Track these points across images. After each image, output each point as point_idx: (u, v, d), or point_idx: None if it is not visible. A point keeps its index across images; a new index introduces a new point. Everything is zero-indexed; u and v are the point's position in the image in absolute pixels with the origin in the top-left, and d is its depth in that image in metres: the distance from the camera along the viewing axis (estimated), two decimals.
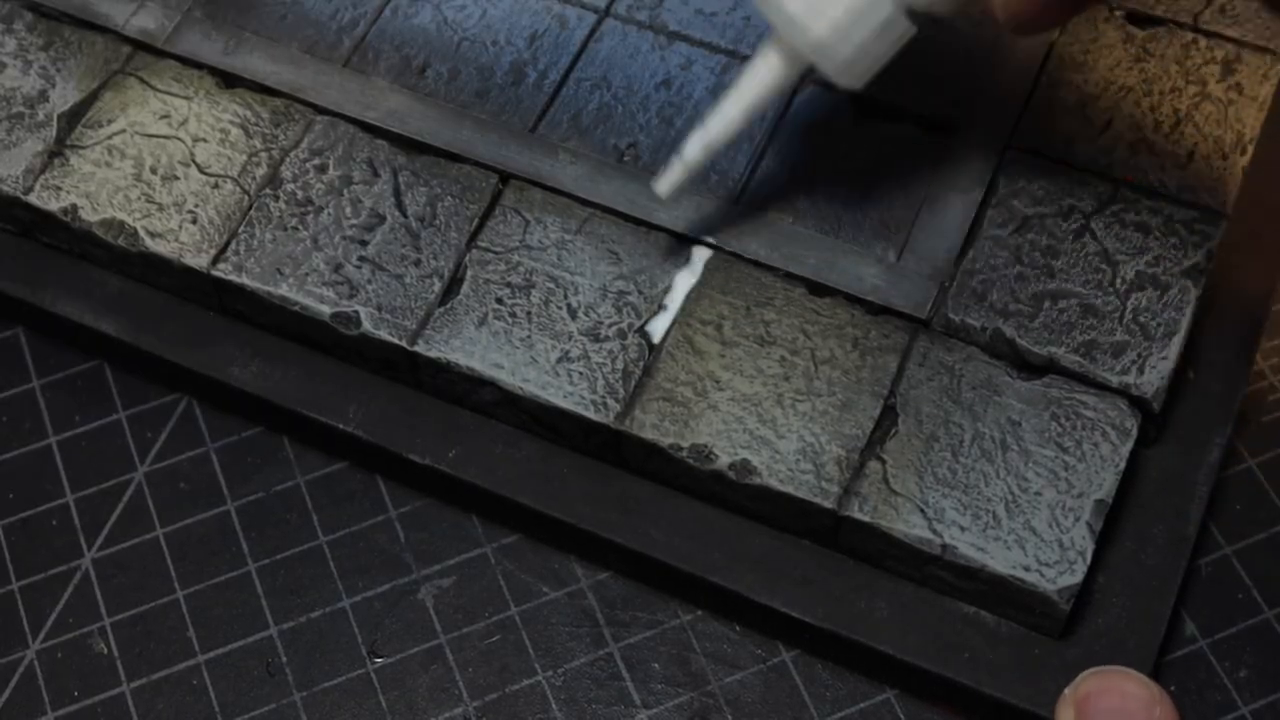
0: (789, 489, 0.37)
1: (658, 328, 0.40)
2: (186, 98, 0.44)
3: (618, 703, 0.39)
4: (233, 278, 0.41)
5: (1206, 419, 0.40)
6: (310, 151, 0.43)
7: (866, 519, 0.37)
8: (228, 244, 0.41)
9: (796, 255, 0.40)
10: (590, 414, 0.39)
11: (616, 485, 0.40)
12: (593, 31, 0.44)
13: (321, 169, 0.42)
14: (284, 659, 0.40)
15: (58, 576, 0.41)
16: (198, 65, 0.44)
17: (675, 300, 0.40)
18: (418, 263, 0.41)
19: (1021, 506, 0.37)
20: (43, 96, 0.44)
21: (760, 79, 0.38)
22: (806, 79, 0.42)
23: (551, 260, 0.41)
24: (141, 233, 0.42)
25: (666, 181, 0.39)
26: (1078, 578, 0.36)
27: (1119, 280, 0.40)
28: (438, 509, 0.42)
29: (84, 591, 0.41)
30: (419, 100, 0.43)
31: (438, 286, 0.40)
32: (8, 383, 0.44)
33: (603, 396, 0.39)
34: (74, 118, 0.44)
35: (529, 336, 0.40)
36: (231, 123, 0.43)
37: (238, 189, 0.42)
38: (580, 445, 0.40)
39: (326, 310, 0.40)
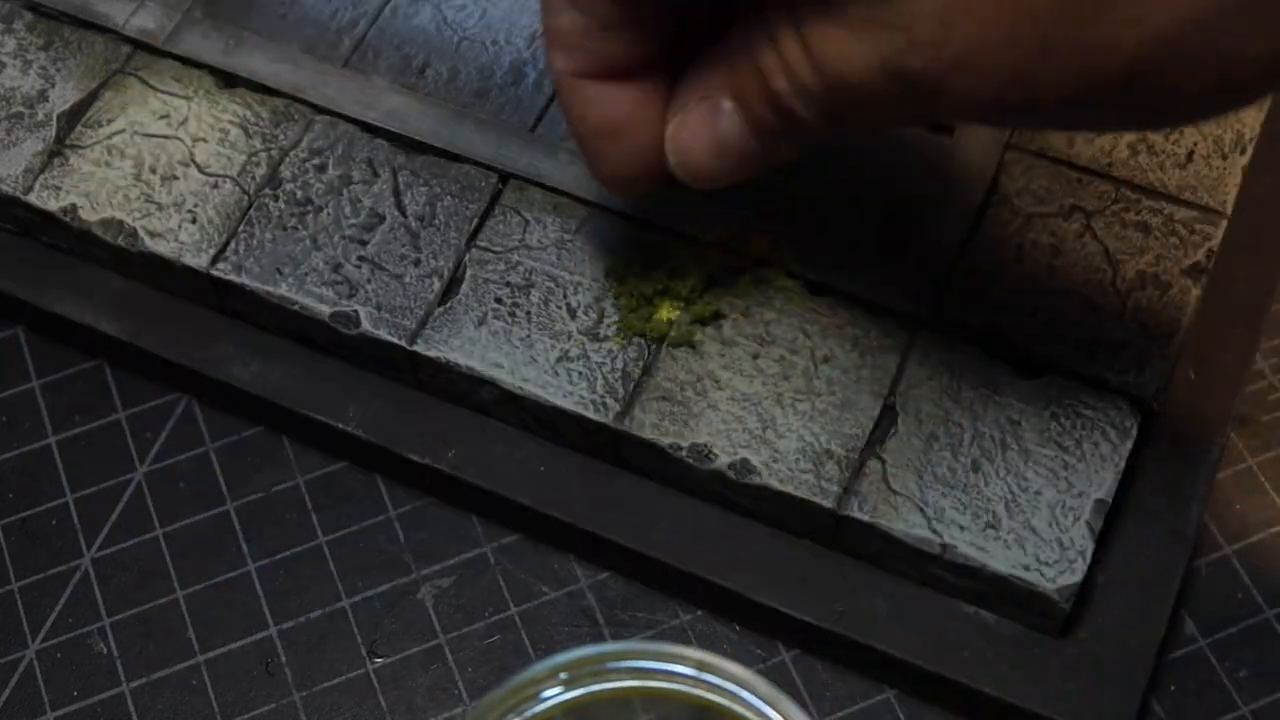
0: (788, 488, 0.37)
1: None
2: (186, 97, 0.44)
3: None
4: (232, 277, 0.41)
5: (1206, 419, 0.40)
6: (310, 151, 0.43)
7: (866, 518, 0.37)
8: (227, 244, 0.41)
9: (796, 256, 0.40)
10: (590, 413, 0.39)
11: (616, 485, 0.40)
12: None
13: (321, 169, 0.42)
14: (284, 659, 0.40)
15: (58, 576, 0.41)
16: (197, 65, 0.44)
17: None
18: (417, 262, 0.41)
19: (1021, 506, 0.37)
20: (42, 96, 0.44)
21: None
22: None
23: (551, 260, 0.41)
24: (141, 232, 0.42)
25: None
26: (1077, 577, 0.36)
27: (1119, 280, 0.40)
28: (437, 509, 0.42)
29: (84, 591, 0.41)
30: (419, 100, 0.43)
31: (437, 286, 0.40)
32: (8, 383, 0.44)
33: (602, 396, 0.39)
34: (73, 117, 0.44)
35: (528, 336, 0.40)
36: (231, 122, 0.43)
37: (237, 189, 0.42)
38: (580, 445, 0.40)
39: (326, 310, 0.40)
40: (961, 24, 0.28)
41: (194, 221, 0.42)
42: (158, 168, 0.43)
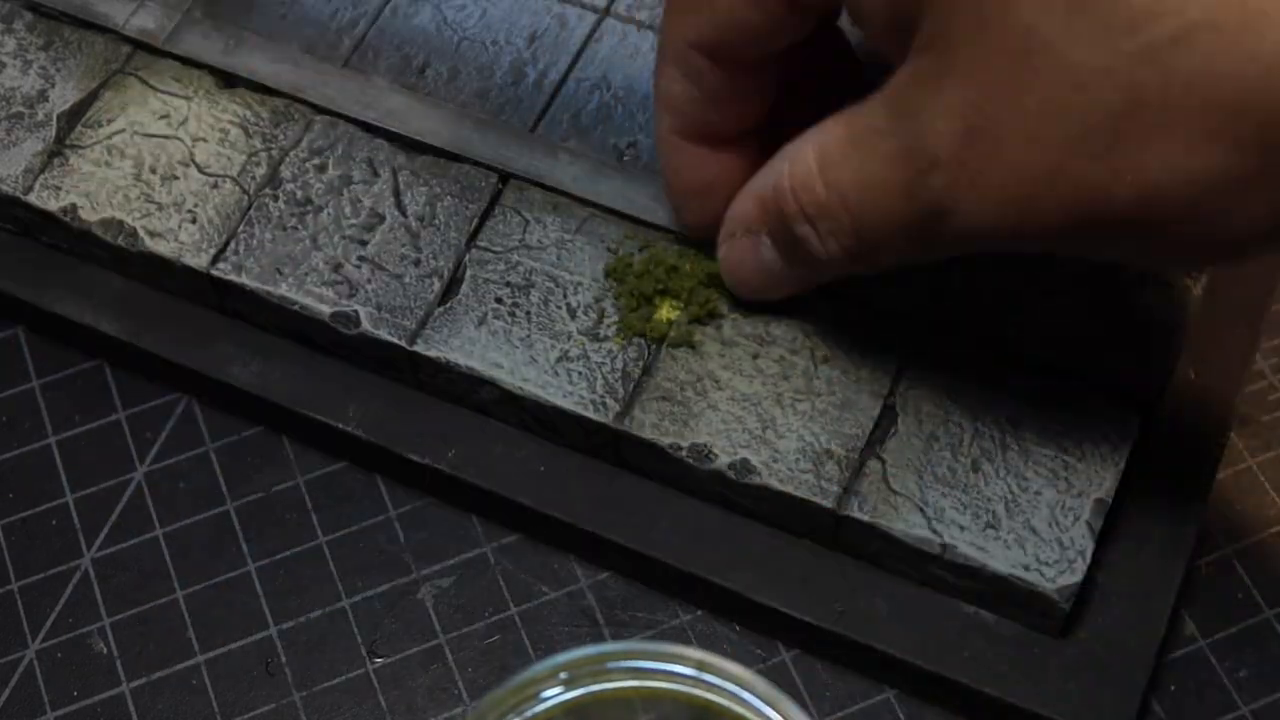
0: (788, 488, 0.37)
1: None
2: (186, 97, 0.44)
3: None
4: (232, 277, 0.41)
5: (1206, 419, 0.40)
6: (310, 151, 0.43)
7: (866, 518, 0.37)
8: (227, 244, 0.41)
9: None
10: (590, 413, 0.39)
11: (616, 485, 0.40)
12: (592, 31, 0.45)
13: (321, 169, 0.42)
14: (284, 659, 0.40)
15: (58, 576, 0.41)
16: (197, 65, 0.44)
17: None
18: (417, 262, 0.41)
19: (1021, 506, 0.37)
20: (42, 96, 0.44)
21: None
22: None
23: (551, 260, 0.41)
24: (141, 232, 0.42)
25: None
26: (1077, 577, 0.36)
27: (1119, 280, 0.40)
28: (437, 509, 0.42)
29: (84, 591, 0.41)
30: (419, 100, 0.43)
31: (437, 286, 0.40)
32: (8, 383, 0.44)
33: (602, 396, 0.39)
34: (73, 117, 0.44)
35: (528, 336, 0.40)
36: (231, 122, 0.43)
37: (237, 189, 0.42)
38: (580, 445, 0.40)
39: (326, 310, 0.40)
40: (981, 143, 0.30)
41: (194, 221, 0.42)
42: (158, 168, 0.43)
